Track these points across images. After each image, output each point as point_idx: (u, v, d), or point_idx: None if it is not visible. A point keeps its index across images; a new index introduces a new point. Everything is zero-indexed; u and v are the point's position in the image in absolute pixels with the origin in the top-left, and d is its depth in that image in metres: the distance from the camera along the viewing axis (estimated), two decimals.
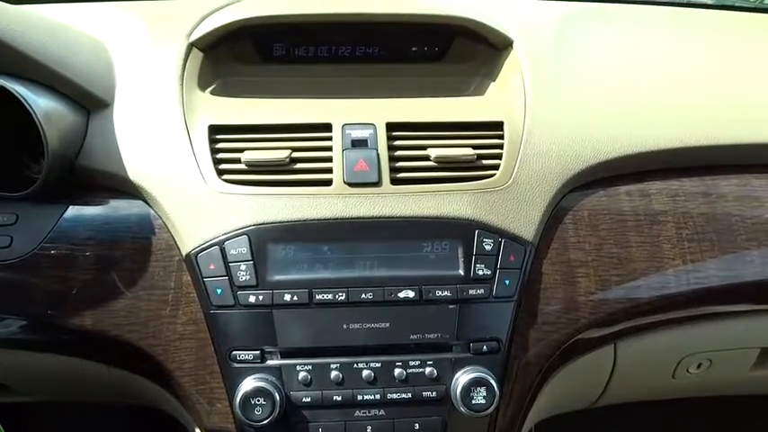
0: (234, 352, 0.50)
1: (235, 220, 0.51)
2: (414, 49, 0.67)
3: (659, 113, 0.58)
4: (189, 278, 0.51)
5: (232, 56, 0.64)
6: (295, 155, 0.53)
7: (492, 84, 0.63)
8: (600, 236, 0.55)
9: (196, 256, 0.51)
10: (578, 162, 0.55)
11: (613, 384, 0.61)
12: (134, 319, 0.51)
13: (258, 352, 0.50)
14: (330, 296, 0.50)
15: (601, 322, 0.54)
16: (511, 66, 0.61)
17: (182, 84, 0.57)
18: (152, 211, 0.53)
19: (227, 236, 0.50)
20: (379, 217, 0.51)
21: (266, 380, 0.49)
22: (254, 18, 0.60)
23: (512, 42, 0.62)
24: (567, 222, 0.55)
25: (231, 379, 0.50)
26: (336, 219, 0.51)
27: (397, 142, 0.55)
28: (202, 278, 0.50)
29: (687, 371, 0.62)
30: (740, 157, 0.58)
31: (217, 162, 0.53)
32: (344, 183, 0.52)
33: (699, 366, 0.62)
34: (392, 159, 0.54)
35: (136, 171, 0.53)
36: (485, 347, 0.50)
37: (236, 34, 0.61)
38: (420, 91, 0.61)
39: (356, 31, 0.65)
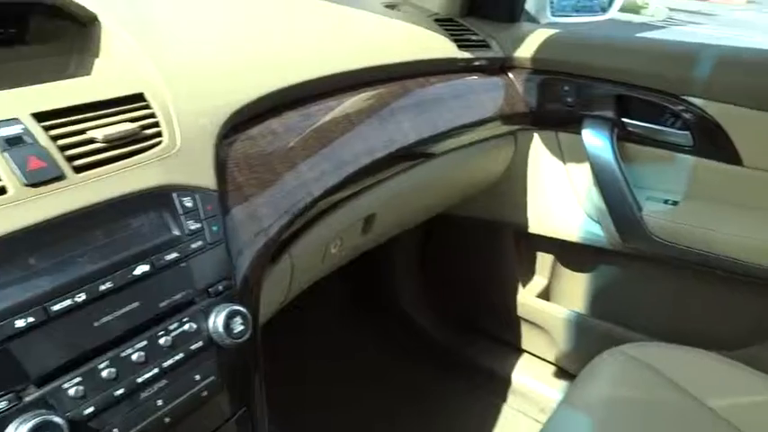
0: None
1: None
2: None
3: (264, 58, 0.72)
4: None
5: None
6: None
7: (96, 60, 0.64)
8: (258, 171, 0.66)
9: None
10: (218, 114, 0.64)
11: (294, 284, 0.76)
12: None
13: (11, 394, 0.43)
14: (68, 302, 0.47)
15: (281, 233, 0.67)
16: (111, 38, 0.63)
17: None
18: None
19: None
20: (82, 208, 0.49)
21: (36, 415, 0.44)
22: None
23: (96, 16, 0.64)
24: (232, 167, 0.64)
25: None
26: (36, 224, 0.47)
27: (54, 131, 0.52)
28: None
29: (330, 252, 0.82)
30: (325, 86, 0.79)
31: None
32: (25, 186, 0.47)
33: (335, 246, 0.83)
34: (61, 149, 0.51)
35: None
36: (220, 287, 0.57)
37: None
38: (18, 76, 0.57)
39: None
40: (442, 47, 1.04)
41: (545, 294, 1.36)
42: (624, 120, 1.10)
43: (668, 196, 1.10)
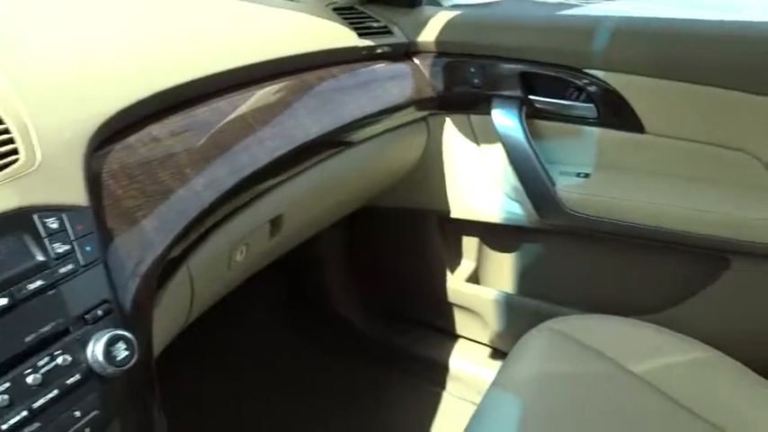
0: None
1: None
2: None
3: (140, 61, 0.67)
4: None
5: None
6: None
7: None
8: (139, 181, 0.62)
9: None
10: (85, 126, 0.59)
11: (196, 300, 0.72)
12: None
13: None
14: None
15: (172, 247, 0.62)
16: None
17: None
18: None
19: None
20: None
21: None
22: None
23: None
24: (107, 179, 0.59)
25: None
26: None
27: None
28: None
29: (236, 260, 0.78)
30: (213, 85, 0.74)
31: None
32: None
33: (241, 253, 0.79)
34: None
35: None
36: (99, 312, 0.52)
37: None
38: None
39: None
40: (341, 36, 1.01)
41: (474, 278, 1.36)
42: (531, 97, 1.10)
43: (579, 169, 1.11)
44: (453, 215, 1.26)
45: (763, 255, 0.97)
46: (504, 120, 1.10)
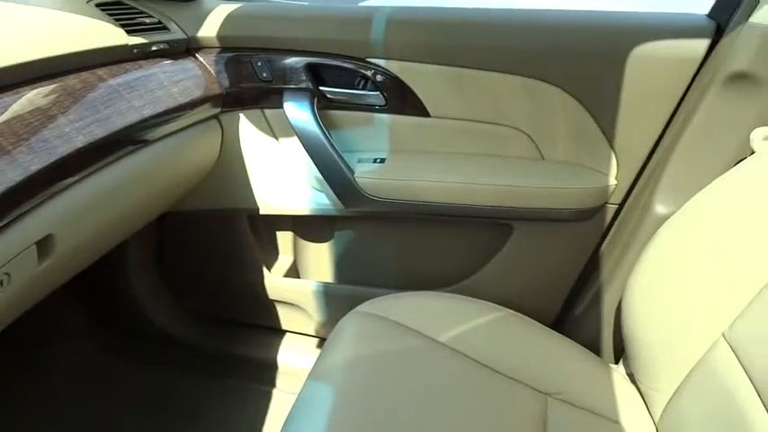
0: None
1: None
2: None
3: None
4: None
5: None
6: None
7: None
8: None
9: None
10: None
11: None
12: None
13: None
14: None
15: None
16: None
17: None
18: None
19: None
20: None
21: None
22: None
23: None
24: None
25: None
26: None
27: None
28: None
29: None
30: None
31: None
32: None
33: (1, 284, 0.70)
34: None
35: None
36: None
37: None
38: None
39: None
40: (107, 34, 0.93)
41: (293, 271, 1.36)
42: (322, 88, 1.11)
43: (375, 155, 1.15)
44: (263, 212, 1.24)
45: (539, 218, 1.09)
46: (297, 112, 1.10)
